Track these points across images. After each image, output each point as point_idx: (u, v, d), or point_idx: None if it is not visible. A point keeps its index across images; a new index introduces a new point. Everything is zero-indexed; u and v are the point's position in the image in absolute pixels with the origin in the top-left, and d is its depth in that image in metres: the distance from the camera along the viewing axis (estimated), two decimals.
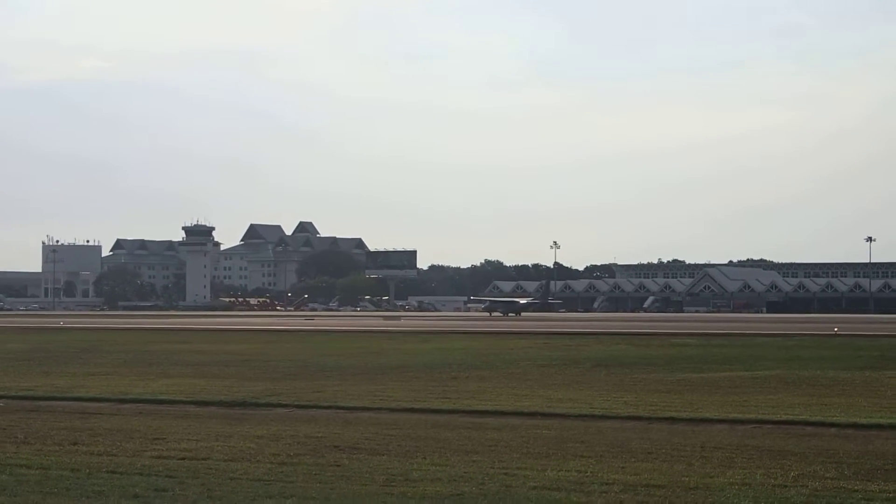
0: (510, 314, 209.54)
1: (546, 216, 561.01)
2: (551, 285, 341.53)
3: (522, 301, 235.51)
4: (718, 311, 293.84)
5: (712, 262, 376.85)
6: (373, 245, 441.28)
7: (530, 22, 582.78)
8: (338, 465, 24.66)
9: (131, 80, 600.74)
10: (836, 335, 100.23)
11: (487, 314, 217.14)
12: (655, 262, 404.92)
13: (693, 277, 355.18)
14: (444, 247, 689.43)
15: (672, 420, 34.11)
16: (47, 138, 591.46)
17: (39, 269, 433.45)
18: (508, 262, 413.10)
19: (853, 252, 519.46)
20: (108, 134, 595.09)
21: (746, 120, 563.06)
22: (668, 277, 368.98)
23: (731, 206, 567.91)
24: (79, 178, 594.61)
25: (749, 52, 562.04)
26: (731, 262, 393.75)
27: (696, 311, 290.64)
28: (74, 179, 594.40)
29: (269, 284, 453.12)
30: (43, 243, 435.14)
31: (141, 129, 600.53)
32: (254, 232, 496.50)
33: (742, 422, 33.61)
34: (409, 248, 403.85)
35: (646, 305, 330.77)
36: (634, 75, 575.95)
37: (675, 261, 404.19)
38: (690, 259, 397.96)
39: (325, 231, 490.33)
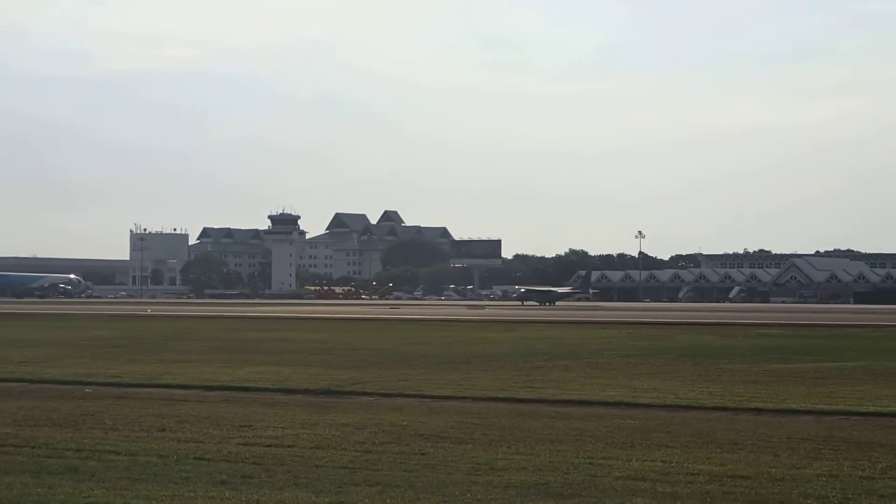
0: (546, 303, 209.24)
1: (630, 204, 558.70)
2: (636, 275, 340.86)
3: (560, 290, 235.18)
4: (805, 302, 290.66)
5: (798, 253, 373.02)
6: (457, 234, 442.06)
7: (608, 10, 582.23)
8: (422, 454, 24.72)
9: (213, 71, 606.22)
10: None
11: (520, 303, 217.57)
12: (741, 251, 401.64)
13: (779, 268, 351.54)
14: (528, 236, 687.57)
15: (758, 411, 33.85)
16: (133, 128, 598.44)
17: (127, 258, 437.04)
18: (593, 252, 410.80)
19: None
20: (191, 124, 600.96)
21: (835, 106, 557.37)
22: (753, 267, 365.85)
23: (817, 193, 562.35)
24: (163, 167, 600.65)
25: (831, 40, 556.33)
26: (817, 252, 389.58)
27: (783, 302, 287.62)
28: (159, 169, 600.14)
29: (354, 273, 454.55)
30: (131, 231, 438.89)
31: (224, 118, 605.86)
32: (339, 221, 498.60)
33: (829, 413, 33.29)
34: (494, 237, 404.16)
35: (731, 296, 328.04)
36: (717, 62, 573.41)
37: (760, 251, 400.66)
38: (776, 249, 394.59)
39: (409, 220, 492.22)
